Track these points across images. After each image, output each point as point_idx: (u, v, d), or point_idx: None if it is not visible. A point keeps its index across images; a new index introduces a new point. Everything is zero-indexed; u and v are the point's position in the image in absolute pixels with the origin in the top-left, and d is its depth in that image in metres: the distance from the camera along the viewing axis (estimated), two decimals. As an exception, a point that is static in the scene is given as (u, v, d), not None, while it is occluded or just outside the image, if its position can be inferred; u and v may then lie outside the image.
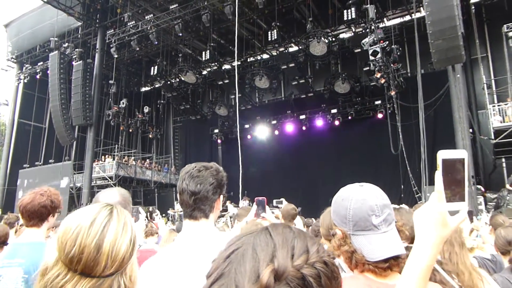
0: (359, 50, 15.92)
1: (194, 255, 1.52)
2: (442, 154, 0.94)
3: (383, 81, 14.93)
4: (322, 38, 17.02)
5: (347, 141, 20.01)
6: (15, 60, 25.06)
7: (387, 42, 14.28)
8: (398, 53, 15.04)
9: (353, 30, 17.46)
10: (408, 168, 14.63)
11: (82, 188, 19.97)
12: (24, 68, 24.85)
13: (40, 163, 23.26)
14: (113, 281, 0.95)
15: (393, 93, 15.81)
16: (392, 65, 14.82)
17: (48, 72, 20.98)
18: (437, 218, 0.93)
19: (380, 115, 19.11)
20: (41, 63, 23.59)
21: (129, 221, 1.02)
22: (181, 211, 18.76)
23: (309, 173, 20.72)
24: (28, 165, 23.15)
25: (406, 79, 17.12)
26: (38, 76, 23.59)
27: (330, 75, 19.72)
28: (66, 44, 20.95)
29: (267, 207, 2.96)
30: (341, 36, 18.99)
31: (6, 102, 25.34)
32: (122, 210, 1.04)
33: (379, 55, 13.80)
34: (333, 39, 18.19)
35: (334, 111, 20.54)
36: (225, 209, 11.55)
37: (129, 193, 2.01)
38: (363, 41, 14.21)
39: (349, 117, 20.02)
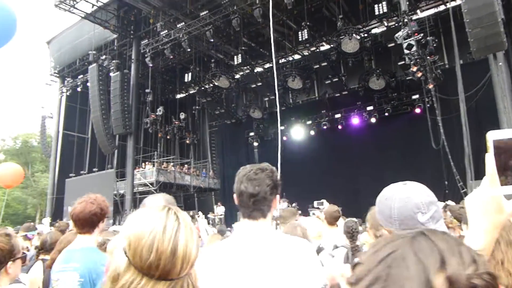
0: (393, 44, 15.53)
1: (254, 253, 1.59)
2: (493, 135, 0.86)
3: (419, 74, 14.48)
4: (354, 35, 16.74)
5: (385, 138, 19.54)
6: (57, 75, 26.27)
7: (422, 34, 13.85)
8: (434, 45, 14.56)
9: (386, 24, 17.09)
10: (452, 163, 14.08)
11: (125, 194, 20.63)
12: (65, 81, 26.00)
13: (85, 172, 24.25)
14: (183, 281, 0.99)
15: (431, 86, 15.30)
16: (428, 57, 14.35)
17: (88, 84, 21.92)
18: (490, 203, 0.86)
19: (418, 110, 18.54)
20: (81, 76, 24.61)
21: (190, 222, 1.06)
22: (220, 215, 19.03)
23: (347, 173, 20.39)
24: (74, 174, 24.19)
25: (444, 71, 16.53)
26: (79, 89, 24.60)
27: (364, 72, 19.36)
28: (104, 56, 21.78)
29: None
30: (373, 31, 18.61)
31: (51, 115, 26.62)
32: (182, 212, 1.08)
33: (414, 48, 13.40)
34: (365, 35, 17.88)
35: (370, 108, 20.13)
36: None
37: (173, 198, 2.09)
38: (397, 35, 13.85)
39: (386, 114, 19.56)
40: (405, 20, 13.73)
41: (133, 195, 20.65)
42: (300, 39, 17.62)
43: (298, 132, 22.86)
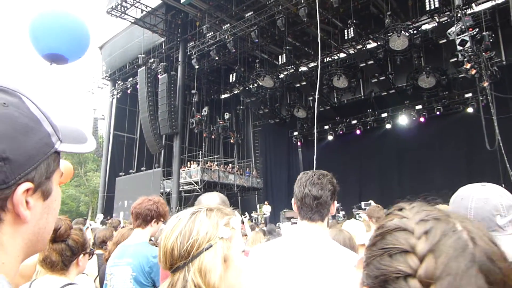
0: (445, 40, 14.91)
1: (308, 256, 1.66)
2: None
3: (473, 72, 13.74)
4: (403, 32, 16.17)
5: (434, 138, 18.78)
6: (109, 78, 27.48)
7: (477, 29, 13.12)
8: (491, 40, 13.74)
9: (437, 20, 16.37)
10: (508, 166, 13.28)
11: (171, 193, 21.20)
12: (116, 84, 27.16)
13: (134, 171, 25.20)
14: (180, 274, 1.03)
15: (486, 84, 14.47)
16: (484, 53, 13.58)
17: (137, 86, 22.78)
18: None
19: (471, 109, 17.65)
20: (131, 79, 25.60)
21: (186, 218, 1.09)
22: (264, 214, 19.07)
23: (394, 174, 19.81)
24: (123, 173, 25.21)
25: (501, 68, 15.60)
26: (128, 91, 25.64)
27: (412, 70, 18.67)
28: (152, 59, 22.54)
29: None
30: (424, 27, 17.89)
31: (103, 117, 27.85)
32: (188, 210, 1.13)
33: (468, 44, 12.74)
34: (415, 31, 17.21)
35: (418, 107, 19.41)
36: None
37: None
38: (449, 30, 13.24)
39: (437, 113, 18.78)
40: (459, 15, 13.10)
41: (179, 193, 21.19)
42: (346, 37, 17.29)
43: (344, 132, 22.44)
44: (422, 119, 19.18)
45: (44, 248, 0.68)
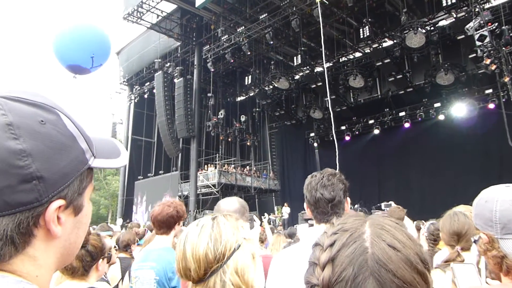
0: (463, 36, 14.63)
1: None
2: None
3: (494, 67, 13.44)
4: (419, 29, 15.94)
5: (455, 136, 18.40)
6: (126, 83, 27.88)
7: (496, 24, 12.84)
8: (511, 34, 13.45)
9: (454, 15, 16.09)
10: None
11: (189, 196, 21.35)
12: (134, 89, 27.56)
13: (152, 175, 25.48)
14: (216, 278, 1.03)
15: (507, 79, 14.12)
16: (504, 48, 13.28)
17: (154, 91, 23.05)
18: None
19: (492, 105, 17.27)
20: (148, 83, 25.92)
21: (210, 224, 1.09)
22: (281, 216, 19.02)
23: (415, 173, 19.50)
24: (142, 177, 25.52)
25: (523, 62, 15.23)
26: (146, 96, 25.97)
27: (430, 67, 18.38)
28: (168, 63, 22.80)
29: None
30: (441, 23, 17.57)
31: (121, 121, 28.28)
32: (206, 218, 1.13)
33: (487, 39, 12.48)
34: (432, 28, 16.95)
35: (437, 105, 19.10)
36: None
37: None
38: (467, 26, 12.98)
39: (456, 110, 18.43)
40: (477, 9, 12.85)
41: (196, 196, 21.31)
42: (361, 36, 17.16)
43: (361, 132, 22.23)
44: (441, 117, 18.86)
45: (72, 260, 0.69)
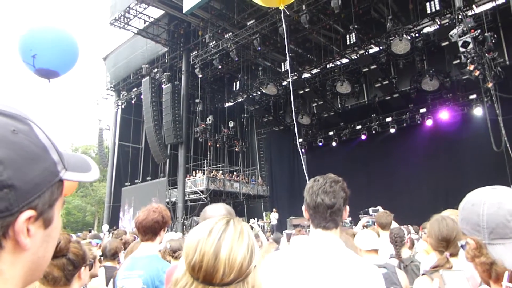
0: (447, 43, 14.86)
1: (326, 264, 1.64)
2: None
3: (477, 73, 13.68)
4: (404, 35, 16.19)
5: (440, 141, 18.70)
6: (113, 89, 27.65)
7: (479, 31, 13.10)
8: (493, 41, 13.70)
9: (438, 22, 16.39)
10: (515, 166, 13.18)
11: (177, 202, 21.19)
12: (121, 95, 27.34)
13: (139, 181, 25.25)
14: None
15: (490, 85, 14.38)
16: (486, 54, 13.54)
17: (142, 97, 22.90)
18: None
19: (476, 110, 17.57)
20: (135, 89, 25.75)
21: (246, 230, 1.05)
22: (270, 222, 18.99)
23: (402, 178, 19.66)
24: (129, 183, 25.26)
25: (505, 68, 15.54)
26: (133, 101, 25.78)
27: (416, 73, 18.66)
28: (156, 69, 22.69)
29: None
30: (425, 30, 17.89)
31: (108, 127, 27.98)
32: (239, 220, 1.09)
33: (470, 46, 12.71)
34: (417, 34, 17.23)
35: (423, 110, 19.35)
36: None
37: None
38: (451, 32, 13.22)
39: (441, 115, 18.72)
40: (460, 16, 13.09)
41: (184, 202, 21.17)
42: (348, 43, 17.33)
43: (348, 137, 22.40)
44: (429, 122, 19.09)
45: (41, 277, 0.67)
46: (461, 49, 12.92)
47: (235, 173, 24.82)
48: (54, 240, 0.67)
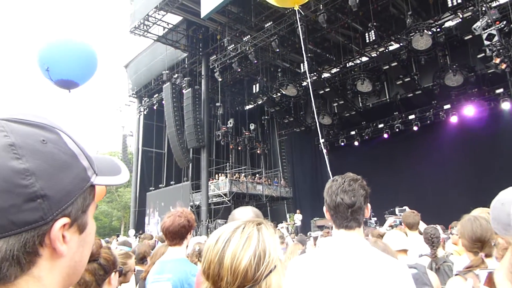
0: (470, 36, 14.52)
1: (352, 264, 1.62)
2: None
3: (504, 66, 13.29)
4: (425, 31, 15.88)
5: (466, 137, 18.20)
6: (135, 95, 28.17)
7: (504, 22, 12.72)
8: (520, 32, 13.32)
9: (461, 16, 16.01)
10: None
11: (200, 206, 21.36)
12: (143, 101, 27.82)
13: (163, 185, 25.58)
14: None
15: (518, 77, 14.02)
16: (513, 46, 13.16)
17: (163, 102, 23.23)
18: None
19: (504, 105, 17.06)
20: (157, 95, 26.16)
21: (256, 236, 1.02)
22: (294, 223, 18.91)
23: (426, 177, 19.25)
24: (153, 188, 25.63)
25: (534, 60, 15.07)
26: (155, 107, 26.20)
27: (438, 69, 18.28)
28: (176, 75, 23.00)
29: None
30: (447, 24, 17.51)
31: (131, 133, 28.50)
32: (251, 225, 1.06)
33: (496, 38, 12.35)
34: (438, 29, 16.88)
35: (447, 106, 18.94)
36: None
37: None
38: (474, 25, 12.89)
39: (466, 111, 18.26)
40: (484, 8, 12.75)
41: (208, 206, 21.32)
42: (367, 41, 17.13)
43: (371, 136, 22.10)
44: (454, 119, 18.65)
45: (77, 280, 0.69)
46: (486, 42, 12.58)
47: (257, 175, 24.84)
48: (89, 245, 0.69)
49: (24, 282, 0.57)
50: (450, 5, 14.78)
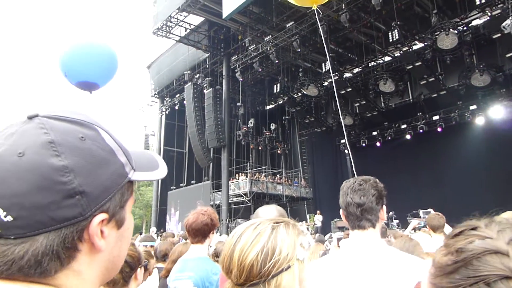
0: (499, 35, 14.14)
1: (365, 265, 1.61)
2: None
3: (533, 66, 12.90)
4: (451, 30, 15.51)
5: (493, 139, 17.66)
6: (157, 96, 28.56)
7: (535, 21, 12.35)
8: (551, 30, 12.85)
9: (489, 13, 15.57)
10: None
11: (221, 205, 21.47)
12: (164, 101, 28.19)
13: (184, 184, 25.83)
14: None
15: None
16: (544, 45, 12.73)
17: (185, 102, 23.47)
18: None
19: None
20: (178, 95, 26.45)
21: (268, 233, 1.02)
22: (314, 224, 18.80)
23: (450, 179, 18.79)
24: (174, 187, 25.91)
25: None
26: (176, 107, 26.51)
27: (464, 68, 17.82)
28: (197, 75, 23.20)
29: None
30: (474, 23, 17.03)
31: (153, 133, 28.91)
32: (266, 223, 1.05)
33: (525, 37, 12.01)
34: (464, 28, 16.46)
35: (473, 107, 18.45)
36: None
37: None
38: (504, 23, 12.54)
39: (493, 112, 17.74)
40: (513, 6, 12.38)
41: (228, 205, 21.41)
42: (390, 40, 16.85)
43: (394, 137, 21.76)
44: (481, 120, 18.16)
45: (115, 274, 0.71)
46: (515, 41, 12.22)
47: (277, 175, 24.80)
48: (127, 240, 0.70)
49: (64, 276, 0.59)
50: (478, 2, 14.38)
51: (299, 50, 18.76)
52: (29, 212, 0.55)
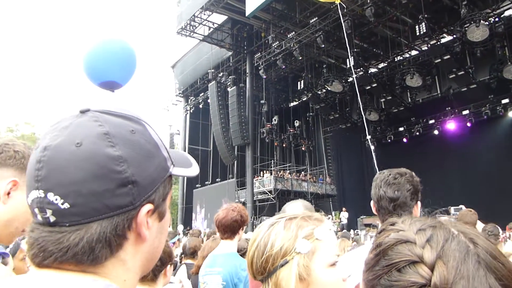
0: (533, 25, 13.53)
1: None
2: None
3: None
4: (482, 21, 14.98)
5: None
6: (181, 95, 28.88)
7: None
8: None
9: (523, 3, 14.99)
10: None
11: (245, 202, 21.53)
12: (189, 100, 28.47)
13: (209, 182, 26.04)
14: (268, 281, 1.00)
15: None
16: None
17: (209, 100, 23.64)
18: None
19: None
20: (202, 93, 26.68)
21: (264, 229, 1.04)
22: (340, 221, 18.62)
23: (480, 175, 18.22)
24: (199, 185, 26.17)
25: None
26: (200, 106, 26.75)
27: (496, 61, 17.21)
28: (221, 73, 23.32)
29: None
30: (507, 13, 16.43)
31: (178, 132, 29.27)
32: (273, 219, 1.07)
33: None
34: (496, 19, 15.87)
35: (505, 101, 17.81)
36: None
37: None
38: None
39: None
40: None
41: (253, 203, 21.46)
42: (417, 34, 16.44)
43: (421, 133, 21.25)
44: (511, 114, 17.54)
45: (153, 266, 0.72)
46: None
47: (302, 172, 24.66)
48: (166, 232, 0.72)
49: (111, 264, 0.61)
50: (510, -8, 13.86)
51: (323, 46, 18.56)
52: (85, 200, 0.57)
